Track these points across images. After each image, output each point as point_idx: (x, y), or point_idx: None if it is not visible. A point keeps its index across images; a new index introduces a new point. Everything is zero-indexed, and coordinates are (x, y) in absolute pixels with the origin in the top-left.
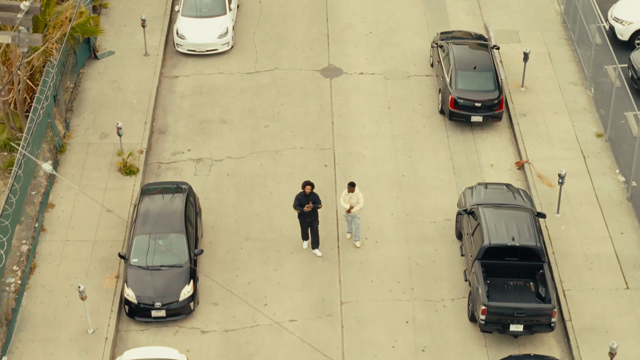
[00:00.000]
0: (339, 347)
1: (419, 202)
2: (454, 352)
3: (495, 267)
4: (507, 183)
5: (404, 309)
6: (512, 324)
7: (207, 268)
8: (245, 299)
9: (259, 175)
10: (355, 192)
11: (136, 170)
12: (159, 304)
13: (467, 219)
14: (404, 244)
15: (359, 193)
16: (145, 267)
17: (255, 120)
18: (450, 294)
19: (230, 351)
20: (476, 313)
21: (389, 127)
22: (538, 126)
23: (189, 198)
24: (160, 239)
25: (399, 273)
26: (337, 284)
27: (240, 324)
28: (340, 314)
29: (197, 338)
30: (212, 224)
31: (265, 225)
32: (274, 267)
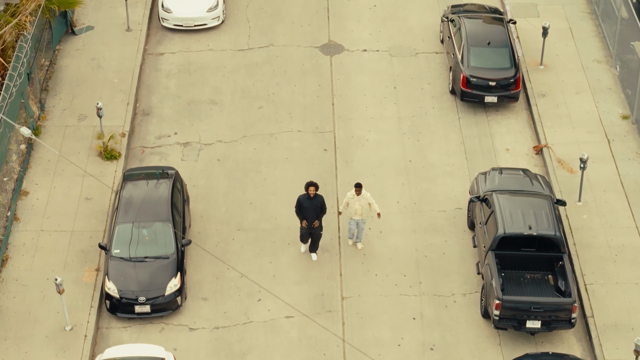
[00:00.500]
0: (339, 345)
1: (427, 190)
2: (465, 350)
3: (510, 258)
4: (523, 168)
5: (410, 304)
6: (528, 320)
7: (196, 260)
8: (238, 293)
9: (252, 160)
10: (363, 194)
11: (118, 155)
12: (143, 298)
13: (479, 207)
14: (410, 235)
15: (366, 193)
16: (128, 259)
17: (248, 101)
18: (461, 289)
19: (220, 350)
20: (489, 308)
21: (394, 109)
22: (558, 107)
23: (175, 184)
24: (144, 228)
25: (406, 266)
26: (337, 278)
27: (232, 321)
28: (341, 310)
29: (184, 336)
30: (201, 213)
31: (259, 215)
32: (269, 260)
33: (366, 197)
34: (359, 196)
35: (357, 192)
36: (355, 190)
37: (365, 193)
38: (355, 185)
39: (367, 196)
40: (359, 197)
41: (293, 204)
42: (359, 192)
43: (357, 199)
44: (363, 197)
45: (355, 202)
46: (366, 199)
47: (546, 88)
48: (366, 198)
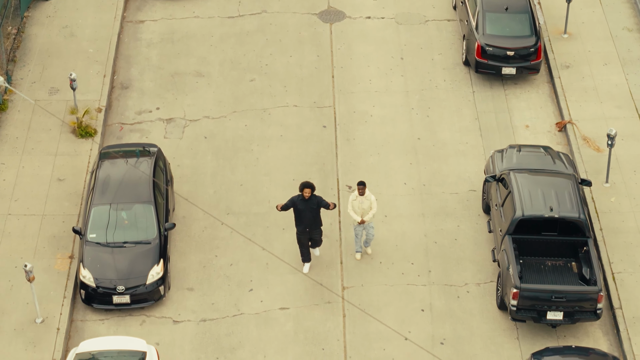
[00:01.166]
0: (340, 339)
1: (437, 170)
2: (479, 345)
3: (529, 243)
4: (545, 145)
5: (419, 295)
6: (549, 311)
7: (181, 247)
8: (227, 283)
9: (243, 138)
10: (367, 195)
11: (93, 132)
12: (122, 288)
13: (495, 187)
14: (419, 219)
15: (370, 195)
16: (105, 244)
17: (239, 73)
18: (474, 278)
19: (208, 344)
20: (506, 298)
21: (401, 82)
22: (584, 80)
23: (158, 162)
24: (123, 211)
25: (413, 253)
26: (337, 266)
27: (221, 313)
28: (342, 301)
29: (168, 329)
30: (187, 195)
31: (250, 197)
32: (262, 246)
33: (370, 199)
34: (362, 196)
35: (361, 190)
36: (358, 189)
37: (369, 195)
38: (358, 184)
39: (372, 199)
40: (363, 199)
41: (288, 185)
42: (362, 191)
43: (361, 200)
44: (366, 198)
45: (359, 204)
46: (370, 201)
47: (570, 59)
48: (370, 200)
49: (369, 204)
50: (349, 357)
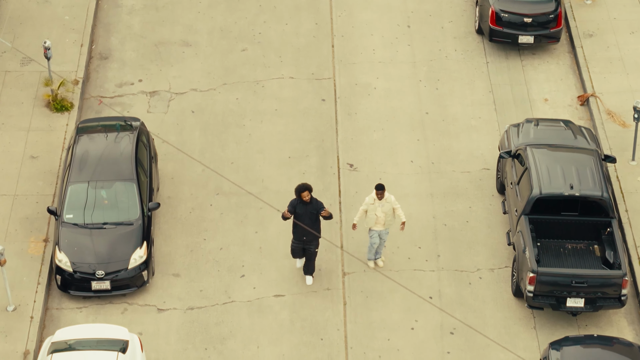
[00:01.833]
0: (340, 328)
1: (448, 147)
2: (493, 334)
3: (547, 224)
4: (565, 119)
5: (426, 281)
6: (569, 298)
7: (166, 230)
8: (216, 268)
9: (234, 112)
10: (386, 197)
11: (70, 106)
12: (102, 272)
13: (511, 164)
14: (427, 200)
15: (390, 197)
16: (83, 226)
17: (229, 42)
18: (488, 263)
19: (196, 334)
20: (522, 284)
21: (408, 51)
22: (608, 50)
23: (140, 137)
24: (102, 189)
25: (421, 236)
26: (337, 250)
27: (210, 300)
28: (342, 288)
29: (152, 318)
30: (172, 174)
31: (242, 176)
32: (254, 229)
33: (390, 201)
34: (381, 200)
35: (380, 195)
36: (377, 193)
37: (389, 196)
38: (376, 187)
39: (392, 200)
40: (382, 202)
41: (283, 164)
42: (381, 195)
43: (380, 204)
44: (387, 201)
45: (376, 208)
46: (390, 203)
47: (594, 26)
48: (390, 202)
49: (390, 207)
50: (350, 348)
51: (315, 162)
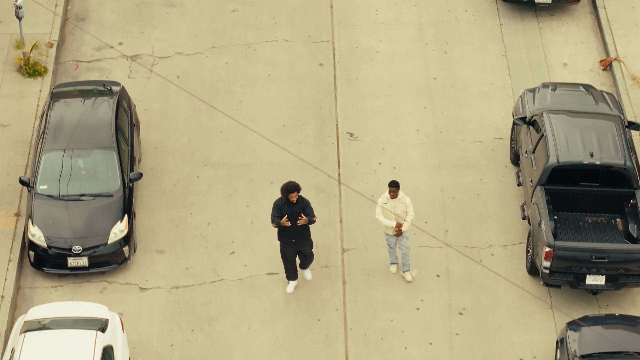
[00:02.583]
0: (339, 308)
1: (457, 115)
2: (505, 315)
3: (566, 196)
4: (585, 84)
5: (433, 258)
6: (589, 275)
7: (149, 204)
8: (204, 245)
9: (223, 77)
10: (400, 197)
11: (43, 71)
12: (79, 248)
13: (526, 132)
14: (434, 172)
15: (405, 198)
16: (59, 197)
17: (218, 2)
18: (500, 239)
19: (182, 314)
20: (537, 260)
21: (414, 12)
22: (634, 10)
23: (121, 103)
24: (80, 158)
25: (427, 210)
26: (337, 225)
27: (196, 279)
28: (342, 265)
29: (134, 297)
30: (155, 144)
31: (232, 146)
32: (245, 202)
33: (405, 201)
34: (394, 200)
35: (393, 193)
36: (390, 191)
37: (404, 197)
38: (389, 184)
39: (407, 201)
40: (395, 202)
41: (277, 133)
42: (394, 193)
43: (393, 204)
44: (400, 201)
45: (391, 208)
46: (404, 204)
47: None
48: (405, 204)
49: (404, 208)
50: (350, 329)
51: (312, 131)
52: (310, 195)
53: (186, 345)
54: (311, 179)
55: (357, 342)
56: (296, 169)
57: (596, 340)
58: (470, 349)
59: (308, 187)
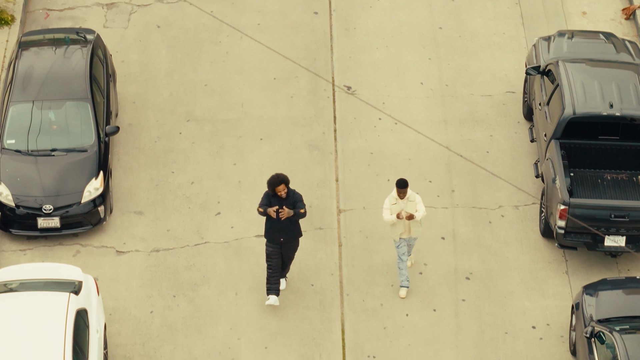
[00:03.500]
0: (334, 273)
1: (465, 67)
2: (517, 280)
3: (583, 151)
4: (606, 32)
5: (438, 219)
6: (607, 236)
7: (127, 161)
8: (187, 205)
9: (208, 27)
10: (409, 195)
11: (10, 19)
12: (50, 207)
13: (540, 83)
14: (440, 127)
15: (415, 196)
16: (28, 152)
17: None
18: (511, 199)
19: (162, 279)
20: (551, 219)
21: None
22: None
23: (96, 52)
24: (50, 110)
25: (432, 169)
26: (332, 185)
27: (178, 242)
28: (338, 227)
29: (109, 261)
30: (134, 98)
31: (218, 100)
32: (232, 160)
33: (415, 200)
34: (404, 200)
35: (401, 194)
36: (398, 191)
37: (413, 195)
38: (397, 184)
39: (418, 200)
40: (405, 202)
41: (267, 86)
42: (403, 194)
43: (402, 204)
44: (410, 200)
45: (400, 209)
46: (414, 203)
47: None
48: (415, 202)
49: (415, 206)
50: (346, 295)
51: (305, 85)
52: (304, 153)
53: (167, 311)
54: (304, 135)
55: (354, 309)
56: (288, 125)
57: (614, 304)
58: (478, 316)
59: (301, 144)
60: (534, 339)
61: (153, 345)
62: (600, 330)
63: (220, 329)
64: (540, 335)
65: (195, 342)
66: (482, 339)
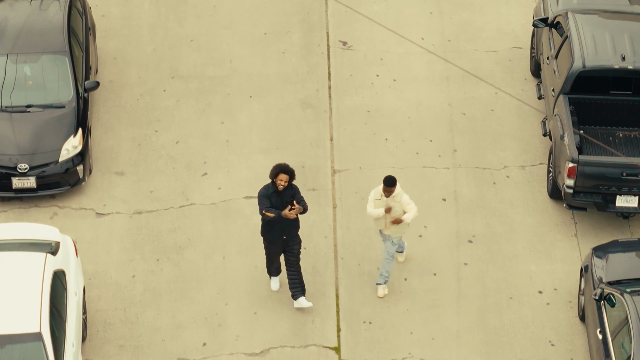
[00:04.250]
0: (328, 235)
1: (469, 21)
2: (522, 243)
3: (593, 107)
4: None
5: (439, 180)
6: (619, 195)
7: (107, 120)
8: (171, 165)
9: None
10: (396, 194)
11: None
12: (25, 166)
13: (548, 35)
14: (441, 85)
15: (402, 196)
16: (2, 109)
17: None
18: (517, 159)
19: (145, 242)
20: (559, 178)
21: None
22: None
23: (74, 3)
24: (26, 64)
25: (433, 127)
26: (326, 144)
27: (162, 203)
28: (332, 188)
29: (89, 224)
30: (115, 54)
31: (204, 56)
32: (220, 119)
33: (402, 200)
34: (389, 198)
35: (387, 192)
36: (384, 190)
37: (400, 195)
38: (384, 182)
39: (404, 200)
40: (390, 200)
41: (257, 41)
42: (388, 192)
43: (386, 202)
44: (395, 200)
45: (384, 205)
46: (400, 204)
47: None
48: (401, 203)
49: (400, 209)
50: (341, 259)
51: (298, 40)
52: (296, 111)
53: (150, 276)
54: (296, 93)
55: (349, 273)
56: (279, 82)
57: (626, 266)
58: (481, 280)
59: (293, 101)
60: (540, 304)
61: (135, 310)
62: (610, 292)
63: (207, 294)
64: (547, 301)
65: (180, 308)
66: (485, 304)
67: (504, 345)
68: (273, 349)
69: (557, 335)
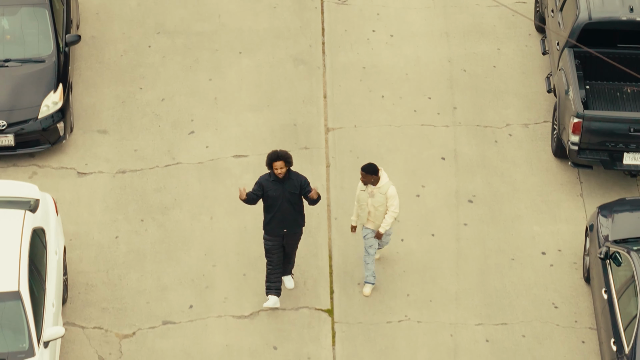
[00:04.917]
0: (321, 195)
1: None
2: (525, 203)
3: (600, 61)
4: None
5: (438, 139)
6: (627, 152)
7: (89, 77)
8: (157, 123)
9: None
10: (381, 185)
11: None
12: (3, 123)
13: None
14: (441, 40)
15: (388, 187)
16: None
17: None
18: (520, 117)
19: (129, 202)
20: (564, 135)
21: None
22: None
23: None
24: (4, 17)
25: (432, 84)
26: (320, 101)
27: (147, 162)
28: (325, 147)
29: (70, 183)
30: (97, 8)
31: (191, 11)
32: (208, 76)
33: (386, 192)
34: (372, 188)
35: (364, 179)
36: (362, 177)
37: (387, 186)
38: (362, 169)
39: (389, 193)
40: (373, 191)
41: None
42: (366, 179)
43: (369, 192)
44: (380, 192)
45: (366, 197)
46: (384, 195)
47: None
48: (385, 195)
49: (383, 201)
50: (335, 219)
51: None
52: (288, 68)
53: (134, 237)
54: (288, 49)
55: (342, 233)
56: (270, 38)
57: (633, 224)
58: (482, 241)
59: (284, 57)
60: (543, 266)
61: (118, 272)
62: (617, 250)
63: (194, 255)
64: (551, 262)
65: (166, 269)
66: (485, 265)
67: (505, 307)
68: (263, 312)
69: (560, 297)
